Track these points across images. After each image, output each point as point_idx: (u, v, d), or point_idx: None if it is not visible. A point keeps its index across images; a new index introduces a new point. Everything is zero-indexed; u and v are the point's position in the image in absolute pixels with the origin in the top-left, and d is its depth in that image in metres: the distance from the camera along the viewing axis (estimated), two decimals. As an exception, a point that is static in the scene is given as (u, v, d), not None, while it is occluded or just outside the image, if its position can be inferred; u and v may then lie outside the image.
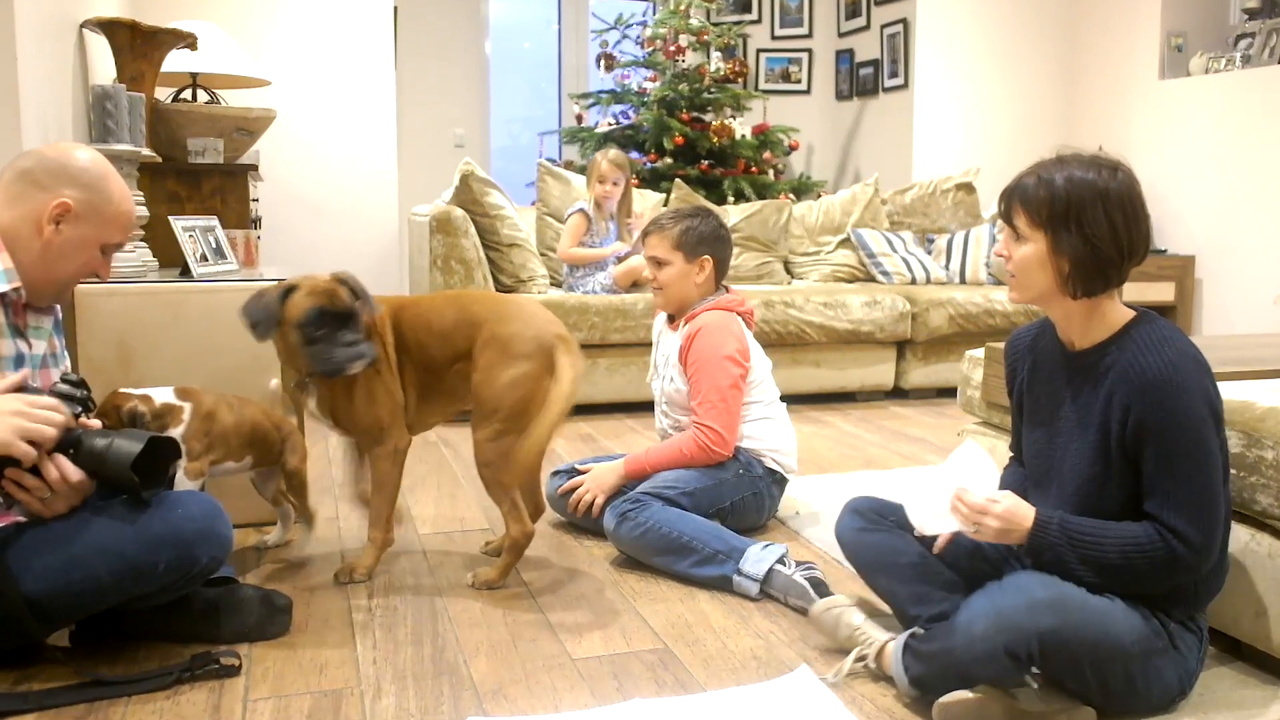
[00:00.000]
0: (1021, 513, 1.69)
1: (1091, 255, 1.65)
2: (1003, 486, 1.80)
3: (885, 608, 2.02)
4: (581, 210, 4.32)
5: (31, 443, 1.67)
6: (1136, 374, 1.64)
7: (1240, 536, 1.91)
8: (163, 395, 2.25)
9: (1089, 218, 1.65)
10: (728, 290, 2.81)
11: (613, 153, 4.38)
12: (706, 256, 2.72)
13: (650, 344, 3.00)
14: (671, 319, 2.84)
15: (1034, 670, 1.69)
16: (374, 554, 2.42)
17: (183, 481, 2.16)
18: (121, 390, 2.19)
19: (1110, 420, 1.67)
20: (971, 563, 1.91)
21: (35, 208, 1.82)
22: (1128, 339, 1.69)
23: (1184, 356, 1.64)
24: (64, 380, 1.84)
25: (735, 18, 6.76)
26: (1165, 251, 5.71)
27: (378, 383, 2.32)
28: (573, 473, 2.80)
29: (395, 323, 2.38)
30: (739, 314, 2.76)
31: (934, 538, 1.84)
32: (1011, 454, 2.02)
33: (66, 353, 2.04)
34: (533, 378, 2.25)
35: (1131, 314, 1.73)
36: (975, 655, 1.63)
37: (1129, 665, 1.65)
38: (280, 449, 2.47)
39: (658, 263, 2.74)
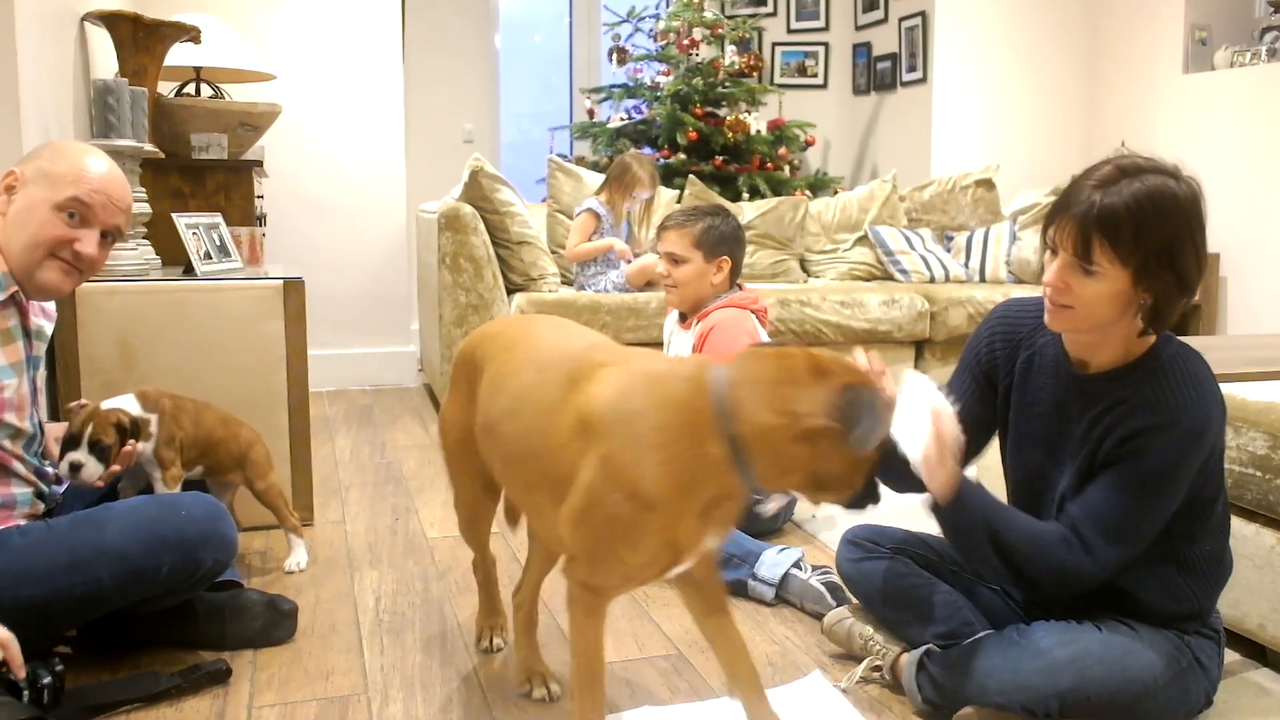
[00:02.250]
0: (950, 463, 1.55)
1: (1179, 289, 1.49)
2: None
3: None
4: (591, 209, 4.29)
5: None
6: (1162, 411, 1.52)
7: (1266, 541, 1.89)
8: (129, 406, 2.15)
9: (1180, 252, 1.47)
10: (741, 289, 2.76)
11: (650, 167, 4.40)
12: (725, 257, 2.69)
13: (662, 344, 2.96)
14: (683, 318, 2.79)
15: None
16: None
17: (161, 491, 2.14)
18: (100, 408, 2.07)
19: (1107, 438, 1.57)
20: (971, 579, 1.89)
21: None
22: (1158, 369, 1.56)
23: (1210, 400, 1.53)
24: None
25: (750, 10, 6.69)
26: (1188, 248, 5.62)
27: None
28: None
29: None
30: (753, 312, 2.71)
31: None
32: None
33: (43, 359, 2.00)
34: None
35: (1153, 338, 1.59)
36: (990, 703, 1.64)
37: (1153, 700, 1.61)
38: (239, 460, 2.36)
39: (674, 259, 2.68)
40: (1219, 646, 1.71)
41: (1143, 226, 1.45)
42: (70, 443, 1.99)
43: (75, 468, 1.97)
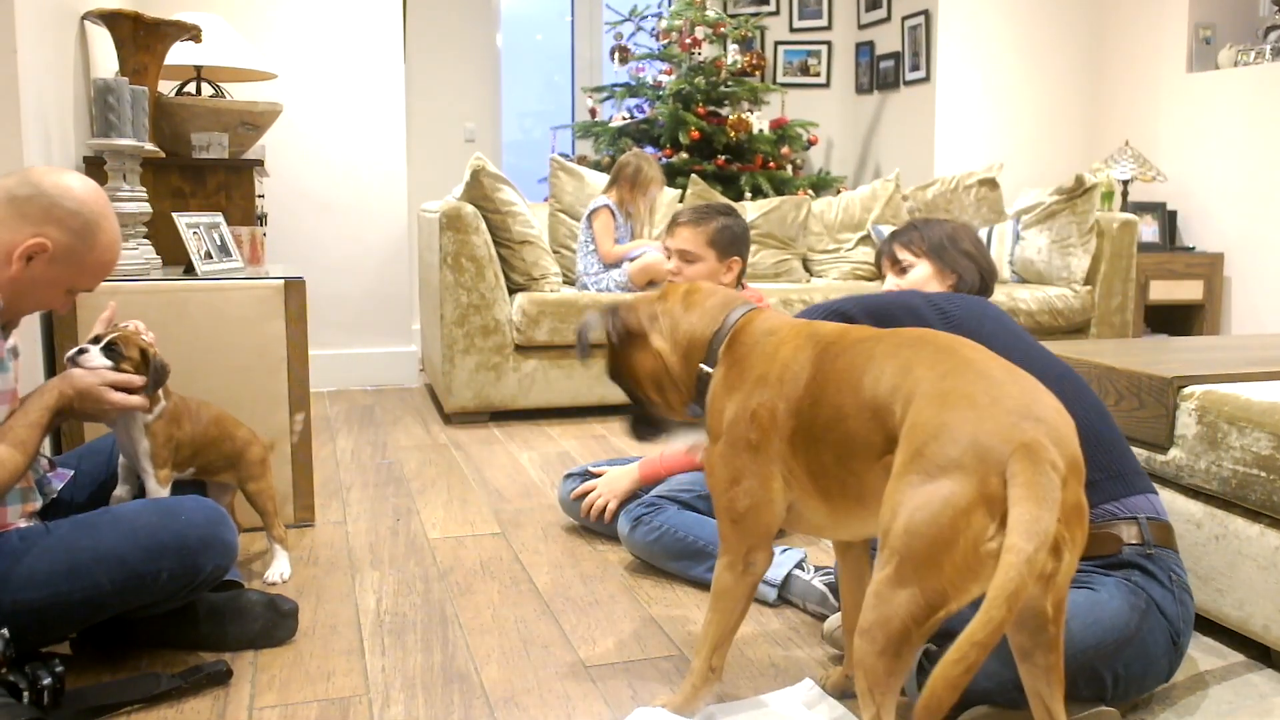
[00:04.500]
0: None
1: (975, 268, 2.11)
2: None
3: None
4: (607, 207, 4.30)
5: None
6: None
7: (1270, 542, 1.88)
8: None
9: (958, 239, 2.12)
10: (745, 288, 2.75)
11: (659, 167, 4.43)
12: (737, 258, 2.67)
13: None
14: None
15: None
16: (693, 688, 1.72)
17: (155, 490, 2.10)
18: (136, 331, 2.05)
19: None
20: None
21: (13, 239, 1.75)
22: None
23: (940, 295, 1.94)
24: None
25: (753, 9, 6.68)
26: (1193, 249, 5.61)
27: (745, 459, 1.61)
28: (586, 476, 2.75)
29: (815, 359, 1.57)
30: None
31: None
32: None
33: None
34: (955, 508, 1.27)
35: None
36: (985, 688, 1.63)
37: (1133, 644, 1.65)
38: (232, 461, 2.32)
39: (687, 257, 2.64)
40: (1173, 586, 1.71)
41: (923, 228, 2.15)
42: (93, 342, 1.97)
43: (80, 351, 1.94)
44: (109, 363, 1.94)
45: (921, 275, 2.10)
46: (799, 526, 1.64)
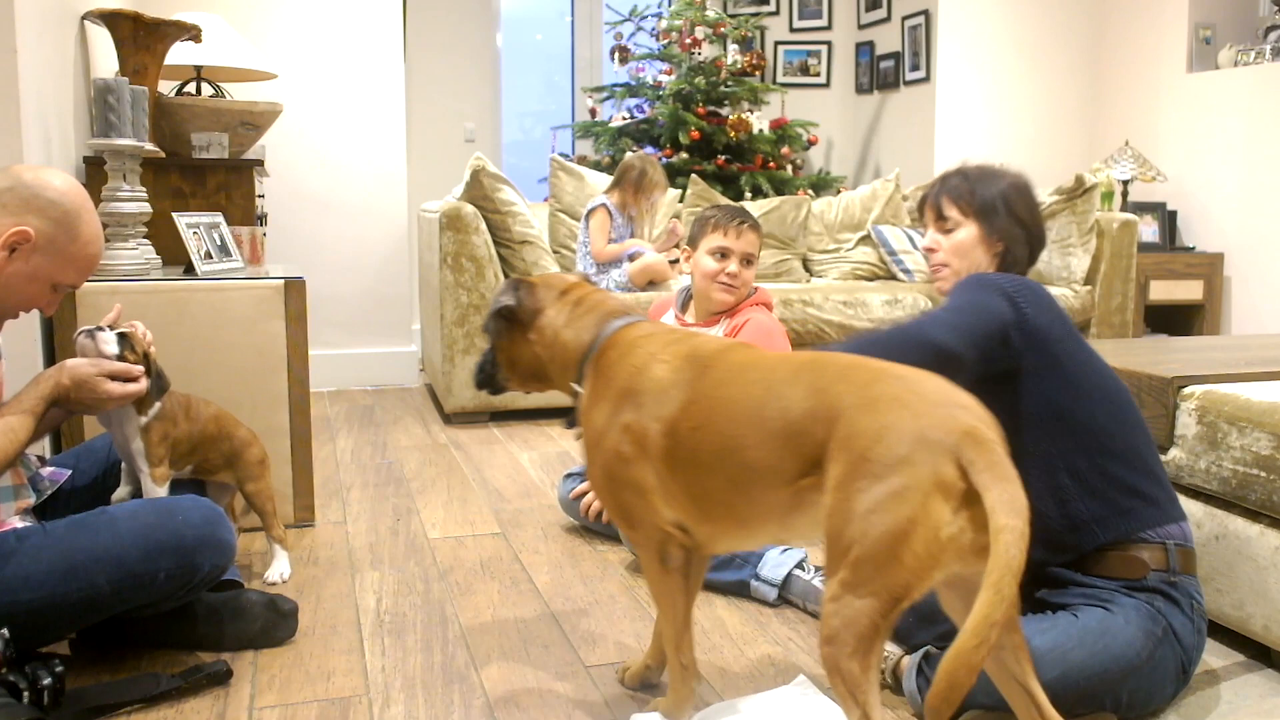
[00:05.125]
0: None
1: (1025, 237, 1.89)
2: None
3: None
4: (604, 206, 4.29)
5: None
6: None
7: (1270, 542, 1.88)
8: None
9: (1013, 202, 1.89)
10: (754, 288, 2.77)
11: (662, 169, 4.42)
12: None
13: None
14: (695, 313, 2.77)
15: None
16: (674, 689, 1.73)
17: (151, 489, 2.10)
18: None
19: None
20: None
21: None
22: None
23: (995, 276, 1.79)
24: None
25: (752, 9, 6.68)
26: (1193, 249, 5.61)
27: (619, 468, 1.64)
28: (586, 476, 2.74)
29: (692, 381, 1.59)
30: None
31: None
32: None
33: None
34: (910, 502, 1.31)
35: None
36: (981, 704, 1.64)
37: (1139, 675, 1.64)
38: (230, 460, 2.31)
39: (750, 260, 2.68)
40: (1192, 617, 1.71)
41: (976, 182, 1.91)
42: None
43: (96, 329, 1.94)
44: (117, 351, 1.94)
45: (966, 239, 1.89)
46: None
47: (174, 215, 2.86)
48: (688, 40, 5.85)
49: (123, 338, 1.96)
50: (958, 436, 1.32)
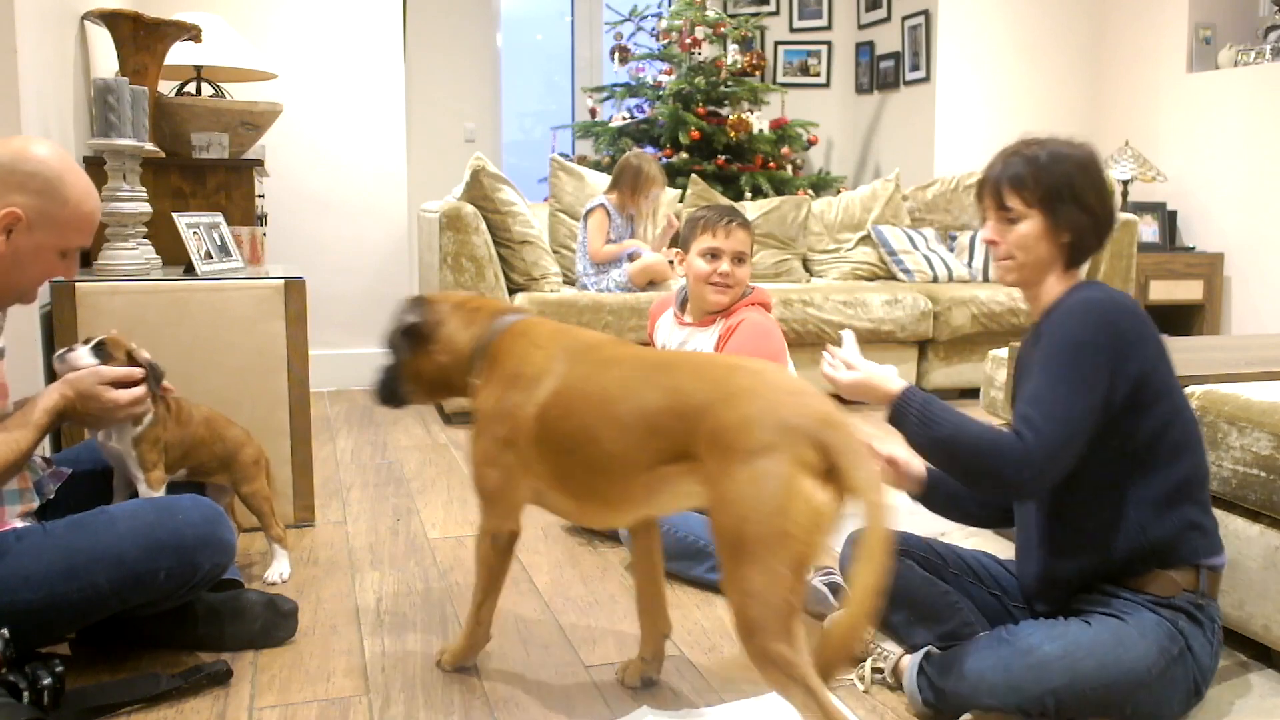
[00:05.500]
0: (880, 384, 1.79)
1: (1092, 225, 1.74)
2: None
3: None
4: (602, 206, 4.29)
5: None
6: (1061, 306, 1.71)
7: (1270, 542, 1.88)
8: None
9: (1081, 189, 1.73)
10: (750, 288, 2.76)
11: (659, 166, 4.40)
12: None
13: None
14: (691, 314, 2.77)
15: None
16: (466, 638, 1.95)
17: (146, 494, 2.10)
18: (121, 338, 2.05)
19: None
20: (975, 582, 1.91)
21: None
22: (1079, 288, 1.75)
23: (1106, 297, 1.68)
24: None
25: (753, 9, 6.68)
26: (1193, 249, 5.61)
27: (495, 450, 1.77)
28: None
29: (565, 371, 1.72)
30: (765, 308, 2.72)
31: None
32: None
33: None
34: (782, 480, 1.42)
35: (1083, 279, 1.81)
36: (986, 705, 1.63)
37: (1148, 689, 1.62)
38: (224, 462, 2.30)
39: (742, 258, 2.67)
40: (1213, 638, 1.70)
41: (1040, 171, 1.73)
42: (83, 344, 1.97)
43: (67, 351, 1.94)
44: (96, 360, 1.93)
45: (1030, 232, 1.73)
46: (547, 509, 1.80)
47: (174, 215, 2.86)
48: (688, 40, 5.85)
49: (99, 347, 1.96)
50: (814, 421, 1.46)
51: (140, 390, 1.93)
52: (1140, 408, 1.65)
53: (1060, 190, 1.71)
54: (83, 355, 1.94)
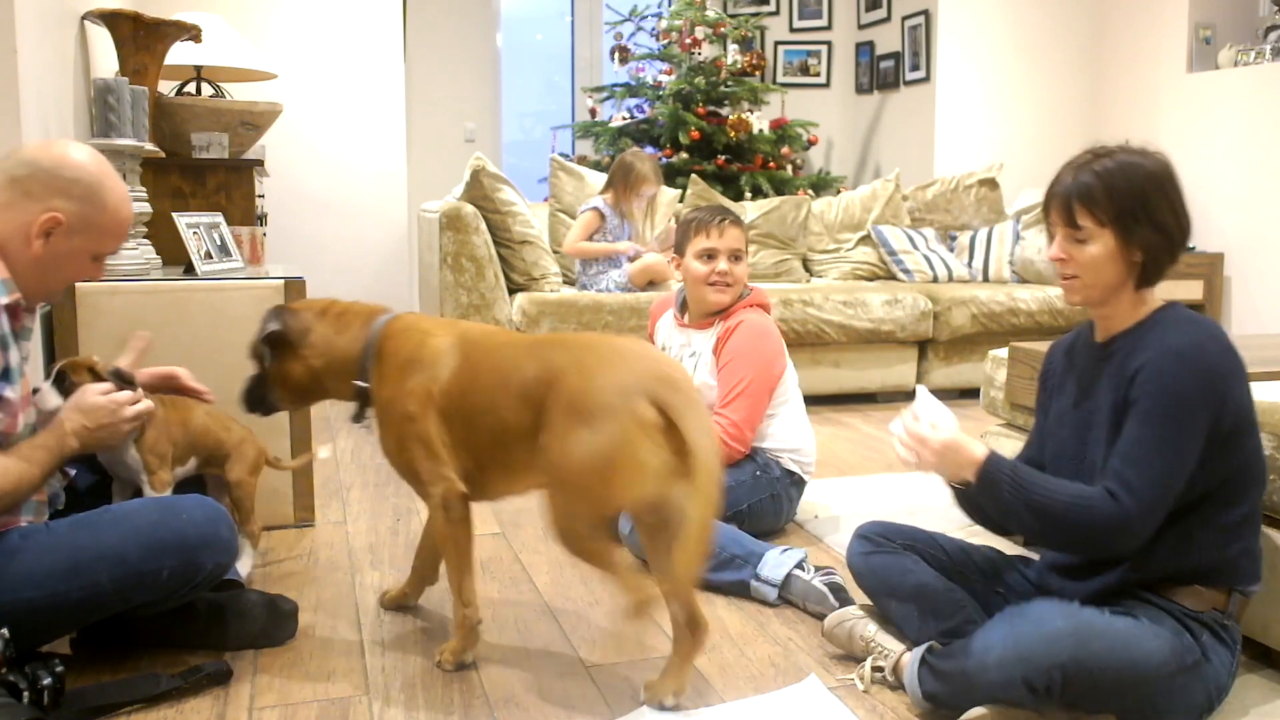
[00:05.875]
0: (966, 448, 1.69)
1: (1165, 244, 1.67)
2: None
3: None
4: (596, 209, 4.27)
5: None
6: (1153, 345, 1.65)
7: (1270, 542, 1.87)
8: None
9: (1155, 208, 1.65)
10: (748, 287, 2.75)
11: (653, 163, 4.36)
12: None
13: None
14: (681, 316, 2.77)
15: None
16: (459, 636, 1.98)
17: (151, 495, 2.10)
18: (78, 357, 2.02)
19: (1122, 391, 1.67)
20: (981, 581, 1.91)
21: (25, 219, 1.74)
22: (1155, 321, 1.71)
23: (1206, 336, 1.64)
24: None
25: (753, 9, 6.69)
26: (1193, 248, 5.61)
27: (408, 427, 1.90)
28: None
29: (463, 354, 1.90)
30: (764, 309, 2.72)
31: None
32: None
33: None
34: (615, 439, 1.64)
35: (1162, 302, 1.75)
36: (990, 681, 1.61)
37: (1155, 688, 1.60)
38: (228, 454, 2.31)
39: (738, 255, 2.67)
40: (1233, 656, 1.69)
41: (1113, 187, 1.65)
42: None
43: (34, 392, 1.91)
44: (59, 395, 1.91)
45: (1101, 253, 1.66)
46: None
47: (174, 215, 2.86)
48: (688, 40, 5.86)
49: (60, 376, 1.94)
50: (652, 381, 1.67)
51: (144, 405, 1.93)
52: (1227, 445, 1.64)
53: (1134, 208, 1.63)
54: (48, 395, 1.91)
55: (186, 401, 2.23)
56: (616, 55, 6.11)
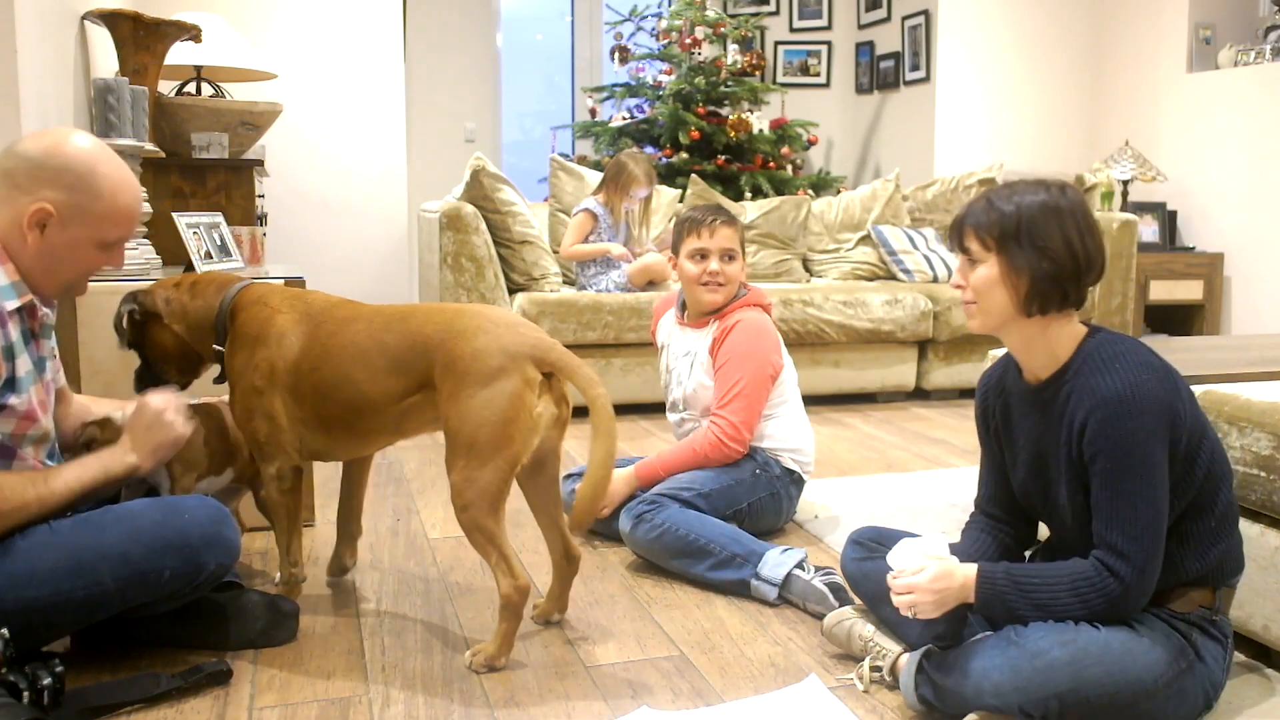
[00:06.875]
0: (953, 572, 1.67)
1: (1051, 269, 1.64)
2: (965, 547, 1.83)
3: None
4: (589, 210, 4.27)
5: None
6: (1090, 394, 1.62)
7: (1270, 542, 1.88)
8: (118, 415, 2.05)
9: (1040, 232, 1.64)
10: (747, 287, 2.75)
11: (646, 164, 4.34)
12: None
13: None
14: (689, 315, 2.77)
15: None
16: (287, 583, 2.22)
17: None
18: (86, 422, 2.03)
19: (1074, 445, 1.65)
20: None
21: (17, 211, 1.71)
22: (1082, 361, 1.67)
23: (1140, 370, 1.61)
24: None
25: (753, 9, 6.69)
26: (1193, 249, 5.61)
27: (255, 399, 2.03)
28: None
29: (309, 330, 2.03)
30: (763, 309, 2.72)
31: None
32: (976, 509, 1.95)
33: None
34: (511, 396, 1.84)
35: (1084, 332, 1.71)
36: (986, 705, 1.63)
37: (1153, 702, 1.61)
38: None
39: (730, 255, 2.67)
40: (1226, 651, 1.70)
41: (1002, 213, 1.66)
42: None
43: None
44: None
45: (986, 278, 1.68)
46: (304, 454, 2.09)
47: (174, 215, 2.86)
48: (688, 40, 5.86)
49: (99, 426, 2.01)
50: (531, 346, 1.88)
51: (178, 399, 1.99)
52: (1190, 459, 1.64)
53: (1018, 233, 1.64)
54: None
55: (207, 404, 2.21)
56: (616, 55, 6.11)
